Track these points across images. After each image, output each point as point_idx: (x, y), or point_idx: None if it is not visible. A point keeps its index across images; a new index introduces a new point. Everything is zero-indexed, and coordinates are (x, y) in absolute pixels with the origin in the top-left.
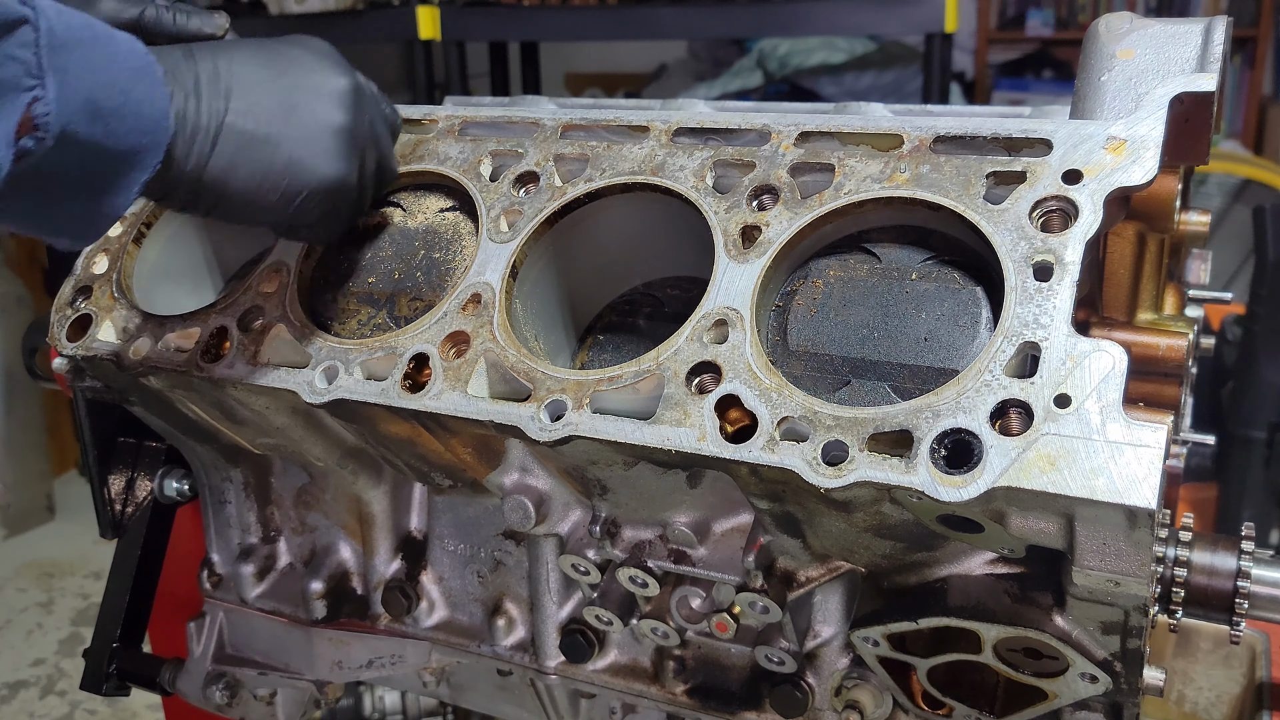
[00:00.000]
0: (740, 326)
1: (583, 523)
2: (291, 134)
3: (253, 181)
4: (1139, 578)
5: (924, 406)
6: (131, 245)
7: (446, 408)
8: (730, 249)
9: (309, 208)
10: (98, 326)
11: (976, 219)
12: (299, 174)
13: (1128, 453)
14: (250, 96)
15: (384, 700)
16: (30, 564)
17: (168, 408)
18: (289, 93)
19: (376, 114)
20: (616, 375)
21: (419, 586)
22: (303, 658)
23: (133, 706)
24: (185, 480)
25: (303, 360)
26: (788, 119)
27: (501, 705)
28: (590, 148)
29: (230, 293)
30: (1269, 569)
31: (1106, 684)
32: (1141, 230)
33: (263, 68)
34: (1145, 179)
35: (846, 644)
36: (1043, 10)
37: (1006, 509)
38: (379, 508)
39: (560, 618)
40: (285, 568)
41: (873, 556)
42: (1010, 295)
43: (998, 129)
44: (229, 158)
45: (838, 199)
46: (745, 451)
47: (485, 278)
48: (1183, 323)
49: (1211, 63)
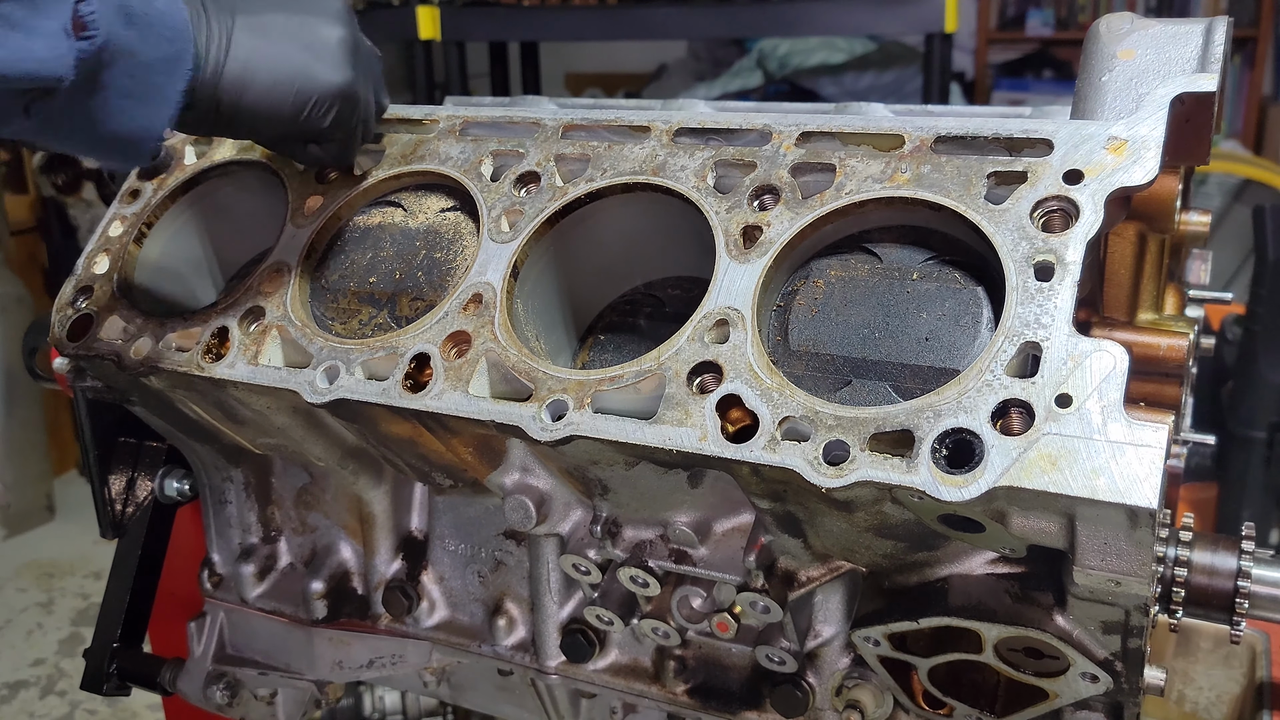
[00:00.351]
0: (741, 326)
1: (584, 522)
2: (298, 45)
3: (266, 89)
4: (1140, 577)
5: (925, 406)
6: (132, 245)
7: (448, 407)
8: (731, 249)
9: (320, 114)
10: (98, 326)
11: (978, 219)
12: (309, 80)
13: (1129, 452)
14: (255, 13)
15: (384, 700)
16: (30, 564)
17: (168, 408)
18: (292, 9)
19: (364, 39)
20: (618, 375)
21: (420, 586)
22: (303, 658)
23: (133, 706)
24: (186, 480)
25: (304, 360)
26: (788, 119)
27: (502, 705)
28: (591, 148)
29: (231, 293)
30: (1269, 569)
31: (1107, 683)
32: (1142, 230)
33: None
34: (1146, 179)
35: (847, 644)
36: (1043, 10)
37: (1008, 509)
38: (380, 508)
39: (561, 617)
40: (286, 568)
41: (874, 556)
42: (1011, 295)
43: (998, 129)
44: (242, 65)
45: (839, 199)
46: (746, 451)
47: (486, 277)
48: (1183, 323)
49: (1212, 63)
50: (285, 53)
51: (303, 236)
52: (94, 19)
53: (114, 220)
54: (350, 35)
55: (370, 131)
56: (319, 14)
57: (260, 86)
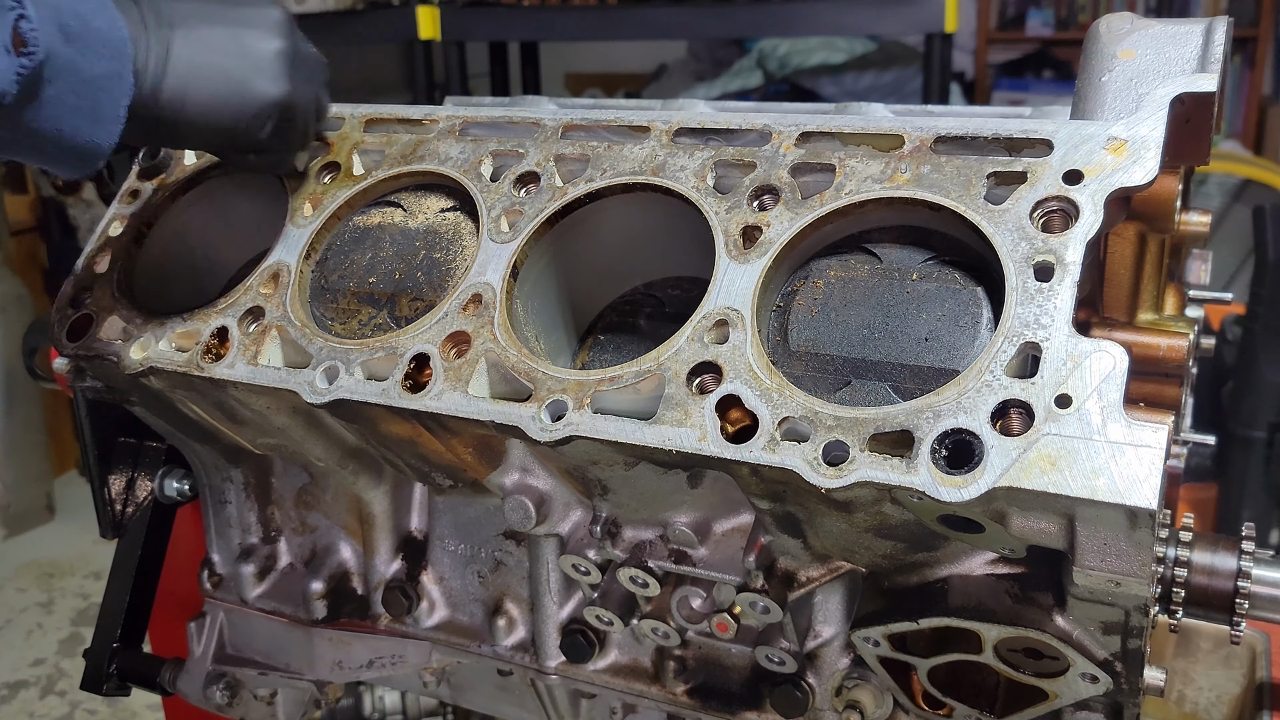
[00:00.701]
0: (741, 327)
1: (583, 523)
2: (235, 58)
3: (204, 102)
4: (1140, 578)
5: (925, 407)
6: (132, 245)
7: (447, 408)
8: (731, 249)
9: (258, 126)
10: (98, 326)
11: (977, 219)
12: (246, 93)
13: (1129, 453)
14: (193, 27)
15: (384, 700)
16: (30, 564)
17: (168, 408)
18: (229, 23)
19: (307, 47)
20: (617, 375)
21: (419, 586)
22: (303, 658)
23: (133, 706)
24: (185, 480)
25: (303, 360)
26: (788, 119)
27: (502, 705)
28: (591, 148)
29: (231, 293)
30: (1269, 569)
31: (1107, 684)
32: (1142, 230)
33: (201, 3)
34: (1146, 179)
35: (847, 644)
36: (1043, 10)
37: (1007, 509)
38: (379, 508)
39: (561, 618)
40: (286, 568)
41: (873, 556)
42: (1011, 295)
43: (998, 129)
44: (180, 79)
45: (839, 199)
46: (746, 452)
47: (486, 278)
48: (1183, 323)
49: (1212, 63)
50: (223, 66)
51: (303, 236)
52: (34, 36)
53: (114, 220)
54: (288, 47)
55: (309, 138)
56: (257, 27)
57: (198, 100)
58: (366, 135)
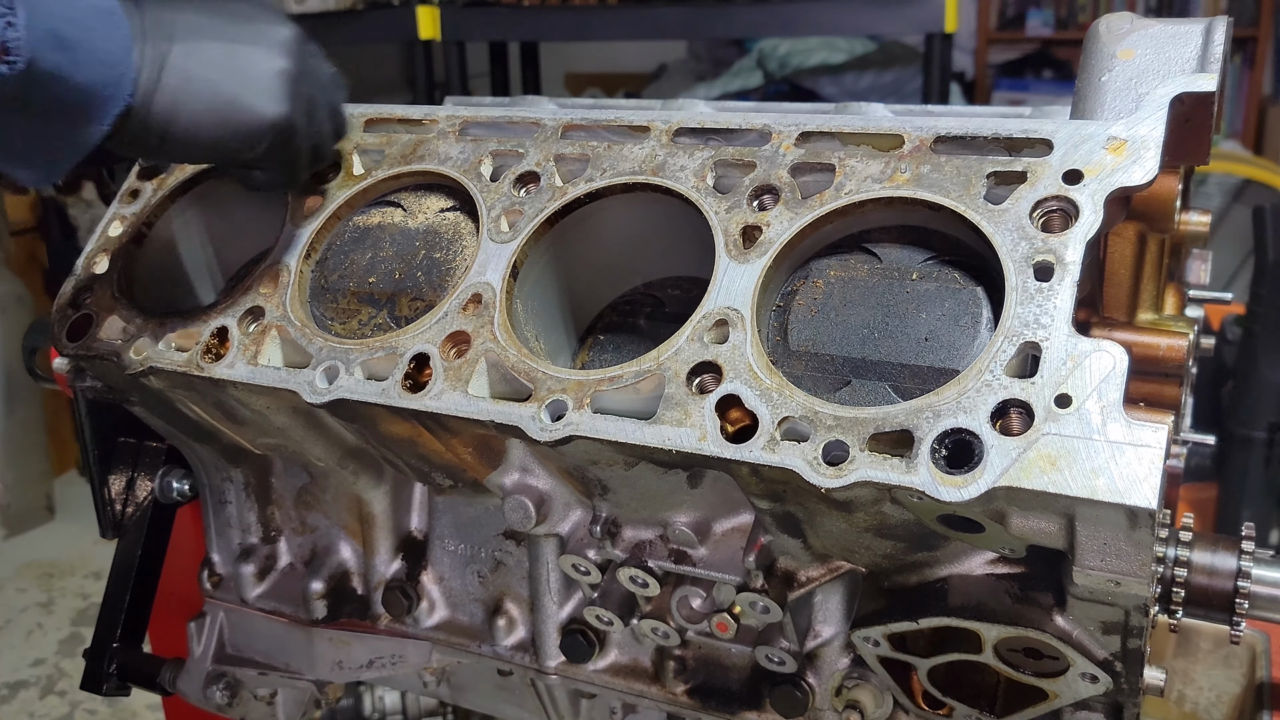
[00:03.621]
0: (741, 326)
1: (583, 523)
2: (233, 75)
3: (196, 118)
4: (1139, 578)
5: (925, 406)
6: (132, 245)
7: (447, 408)
8: (731, 249)
9: (252, 146)
10: (98, 326)
11: (977, 219)
12: (241, 112)
13: (1128, 453)
14: (193, 41)
15: (384, 700)
16: (30, 564)
17: (168, 408)
18: (231, 39)
19: (321, 67)
20: (617, 375)
21: (419, 586)
22: (303, 658)
23: (133, 706)
24: (186, 480)
25: (303, 360)
26: (788, 119)
27: (502, 705)
28: (591, 148)
29: (231, 293)
30: (1269, 569)
31: (1107, 684)
32: (1142, 230)
33: (206, 17)
34: (1146, 179)
35: (847, 644)
36: (1043, 10)
37: (1007, 509)
38: (379, 508)
39: (561, 618)
40: (286, 568)
41: (873, 556)
42: (1011, 295)
43: (998, 129)
44: (171, 94)
45: (838, 199)
46: (746, 451)
47: (486, 278)
48: (1183, 323)
49: (1212, 63)
50: (216, 84)
51: (302, 236)
52: (17, 44)
53: (114, 220)
54: (292, 66)
55: (324, 157)
56: (259, 44)
57: (188, 116)
58: (366, 135)
